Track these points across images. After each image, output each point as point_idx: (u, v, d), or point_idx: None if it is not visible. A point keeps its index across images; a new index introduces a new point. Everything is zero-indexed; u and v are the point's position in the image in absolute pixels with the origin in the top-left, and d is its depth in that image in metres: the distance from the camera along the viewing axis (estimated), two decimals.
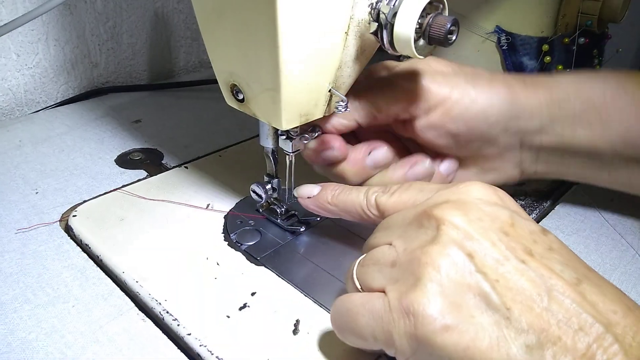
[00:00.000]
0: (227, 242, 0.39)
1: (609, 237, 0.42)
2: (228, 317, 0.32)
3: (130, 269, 0.35)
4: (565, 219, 0.44)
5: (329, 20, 0.30)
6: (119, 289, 0.34)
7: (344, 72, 0.33)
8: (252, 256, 0.37)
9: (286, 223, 0.40)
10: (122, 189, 0.44)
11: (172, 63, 0.70)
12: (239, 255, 0.37)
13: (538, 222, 0.43)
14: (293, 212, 0.41)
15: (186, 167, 0.48)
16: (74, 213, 0.40)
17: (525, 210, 0.44)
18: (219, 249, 0.38)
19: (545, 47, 0.49)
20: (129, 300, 0.34)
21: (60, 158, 0.49)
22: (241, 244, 0.38)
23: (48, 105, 0.60)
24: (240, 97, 0.35)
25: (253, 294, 0.34)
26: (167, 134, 0.55)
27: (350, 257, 0.37)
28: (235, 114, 0.60)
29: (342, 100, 0.34)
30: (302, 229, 0.40)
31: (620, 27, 0.53)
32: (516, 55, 0.50)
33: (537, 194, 0.47)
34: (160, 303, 0.33)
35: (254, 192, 0.40)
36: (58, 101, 0.60)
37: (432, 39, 0.30)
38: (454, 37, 0.30)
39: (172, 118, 0.58)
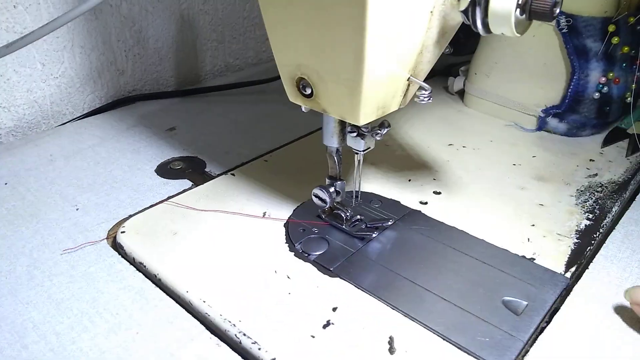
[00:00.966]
0: (293, 253, 0.35)
1: None
2: (313, 337, 0.29)
3: (194, 287, 0.32)
4: None
5: None
6: (184, 310, 0.31)
7: (424, 58, 0.30)
8: (324, 267, 0.34)
9: (354, 229, 0.37)
10: (169, 200, 0.41)
11: (199, 68, 0.67)
12: (308, 267, 0.34)
13: (622, 213, 0.40)
14: (359, 216, 0.38)
15: (233, 174, 0.45)
16: (121, 229, 0.37)
17: (606, 202, 0.41)
18: (286, 261, 0.34)
19: (612, 27, 0.45)
20: (198, 322, 0.30)
21: (96, 171, 0.46)
22: (309, 254, 0.35)
23: (75, 117, 0.56)
24: (308, 92, 0.31)
25: (334, 309, 0.31)
26: (205, 140, 0.51)
27: (429, 263, 0.34)
28: (272, 116, 0.57)
29: (424, 89, 0.30)
30: (374, 235, 0.36)
31: None
32: (579, 38, 0.47)
33: (612, 185, 0.43)
34: (234, 325, 0.29)
35: (317, 196, 0.37)
36: (85, 112, 0.57)
37: (535, 13, 0.26)
38: (558, 10, 0.27)
39: (206, 124, 0.55)
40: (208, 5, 0.64)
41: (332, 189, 0.36)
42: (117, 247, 0.36)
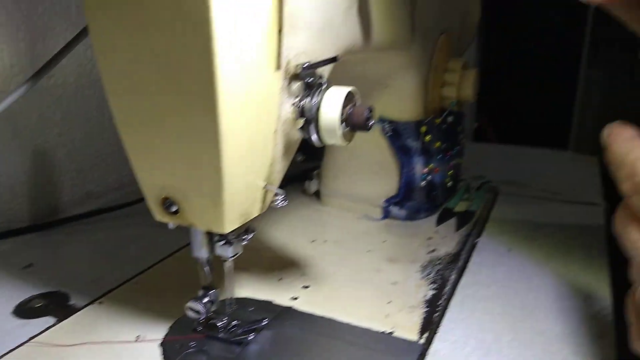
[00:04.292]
0: None
1: (526, 274, 0.47)
2: None
3: None
4: (481, 273, 0.48)
5: (262, 120, 0.32)
6: None
7: (275, 168, 0.35)
8: None
9: (231, 336, 0.38)
10: (31, 341, 0.38)
11: (57, 199, 0.65)
12: None
13: (458, 280, 0.47)
14: (235, 322, 0.39)
15: (101, 303, 0.44)
16: None
17: (445, 272, 0.47)
18: None
19: (424, 128, 0.56)
20: None
21: None
22: None
23: None
24: (174, 209, 0.34)
25: None
26: (68, 273, 0.50)
27: (304, 355, 0.36)
28: (138, 239, 0.57)
29: (278, 194, 0.35)
30: (251, 337, 0.38)
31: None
32: (400, 139, 0.56)
33: (448, 257, 0.51)
34: None
35: (192, 309, 0.38)
36: None
37: (355, 125, 0.33)
38: (371, 122, 0.34)
39: (68, 256, 0.53)
40: (65, 137, 0.65)
41: (206, 299, 0.38)
42: None
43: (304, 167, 0.75)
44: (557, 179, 0.72)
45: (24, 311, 0.43)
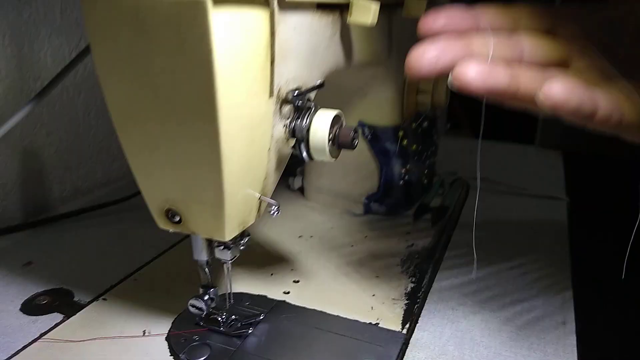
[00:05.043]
0: None
1: (494, 266, 0.52)
2: None
3: None
4: (454, 266, 0.53)
5: (257, 140, 0.35)
6: None
7: (269, 181, 0.39)
8: None
9: (231, 330, 0.42)
10: (43, 337, 0.41)
11: (47, 195, 0.67)
12: None
13: (435, 273, 0.51)
14: (234, 316, 0.43)
15: (105, 299, 0.47)
16: None
17: (423, 266, 0.52)
18: None
19: (401, 133, 0.60)
20: None
21: None
22: None
23: None
24: (177, 219, 0.37)
25: None
26: (67, 269, 0.52)
27: (299, 345, 0.40)
28: (131, 235, 0.60)
29: (273, 205, 0.38)
30: (250, 331, 0.42)
31: None
32: (380, 143, 0.60)
33: (426, 251, 0.55)
34: None
35: (194, 306, 0.41)
36: None
37: (341, 144, 0.37)
38: (356, 142, 0.37)
39: (65, 253, 0.56)
40: (52, 137, 0.67)
41: (206, 297, 0.41)
42: None
43: (288, 163, 0.79)
44: (524, 174, 0.78)
45: (30, 308, 0.46)
